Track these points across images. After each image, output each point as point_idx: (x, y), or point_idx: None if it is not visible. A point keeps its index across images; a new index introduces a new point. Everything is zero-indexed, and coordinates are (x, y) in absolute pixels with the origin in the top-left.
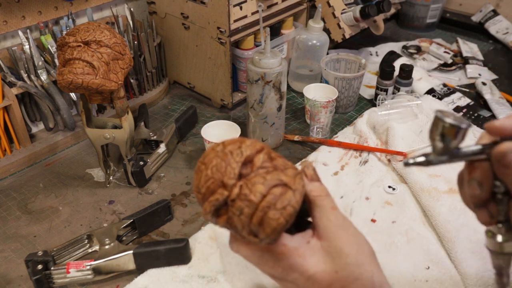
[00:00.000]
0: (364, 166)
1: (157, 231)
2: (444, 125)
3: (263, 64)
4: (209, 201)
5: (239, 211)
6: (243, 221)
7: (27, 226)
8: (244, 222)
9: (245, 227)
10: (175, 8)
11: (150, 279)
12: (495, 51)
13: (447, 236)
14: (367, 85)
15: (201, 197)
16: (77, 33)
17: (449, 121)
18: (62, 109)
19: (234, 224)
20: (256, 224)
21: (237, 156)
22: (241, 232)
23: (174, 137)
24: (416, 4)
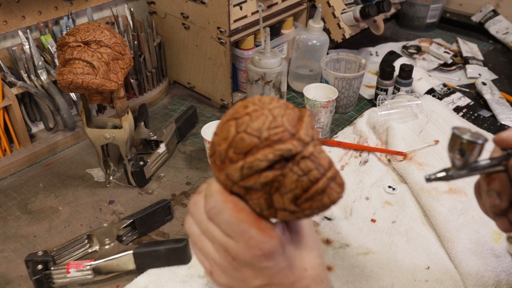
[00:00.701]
0: (364, 166)
1: (157, 231)
2: (462, 141)
3: (263, 64)
4: (276, 148)
5: (305, 172)
6: (303, 184)
7: (27, 226)
8: (303, 185)
9: (297, 190)
10: (175, 8)
11: (150, 279)
12: (495, 51)
13: (447, 236)
14: (367, 85)
15: (257, 141)
16: (77, 33)
17: (467, 138)
18: (62, 109)
19: (283, 183)
20: (316, 191)
21: (309, 116)
22: (283, 195)
23: (174, 137)
24: (416, 4)
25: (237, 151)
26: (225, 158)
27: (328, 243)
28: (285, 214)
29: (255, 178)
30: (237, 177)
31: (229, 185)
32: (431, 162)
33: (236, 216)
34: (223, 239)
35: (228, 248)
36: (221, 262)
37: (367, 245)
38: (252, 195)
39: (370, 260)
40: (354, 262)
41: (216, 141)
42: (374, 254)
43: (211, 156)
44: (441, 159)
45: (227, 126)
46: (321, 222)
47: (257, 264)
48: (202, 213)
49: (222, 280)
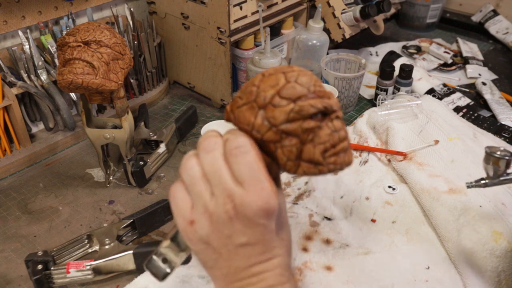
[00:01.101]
0: (364, 166)
1: (157, 231)
2: (492, 157)
3: (263, 64)
4: (324, 101)
5: (336, 130)
6: (334, 139)
7: (27, 226)
8: (333, 140)
9: (327, 144)
10: (175, 8)
11: (150, 279)
12: (495, 51)
13: (447, 236)
14: (367, 85)
15: (307, 92)
16: (77, 33)
17: (496, 155)
18: (62, 109)
19: (318, 135)
20: (342, 148)
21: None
22: (316, 145)
23: (174, 137)
24: (416, 4)
25: (286, 96)
26: (269, 103)
27: (328, 243)
28: (309, 167)
29: (299, 123)
30: (281, 120)
31: (262, 131)
32: (431, 162)
33: (257, 162)
34: (231, 185)
35: (234, 194)
36: (216, 209)
37: (367, 245)
38: (287, 141)
39: (370, 260)
40: (354, 262)
41: (259, 89)
42: (374, 254)
43: (244, 104)
44: (441, 159)
45: (275, 76)
46: (321, 222)
47: (256, 219)
48: (219, 152)
49: (204, 231)
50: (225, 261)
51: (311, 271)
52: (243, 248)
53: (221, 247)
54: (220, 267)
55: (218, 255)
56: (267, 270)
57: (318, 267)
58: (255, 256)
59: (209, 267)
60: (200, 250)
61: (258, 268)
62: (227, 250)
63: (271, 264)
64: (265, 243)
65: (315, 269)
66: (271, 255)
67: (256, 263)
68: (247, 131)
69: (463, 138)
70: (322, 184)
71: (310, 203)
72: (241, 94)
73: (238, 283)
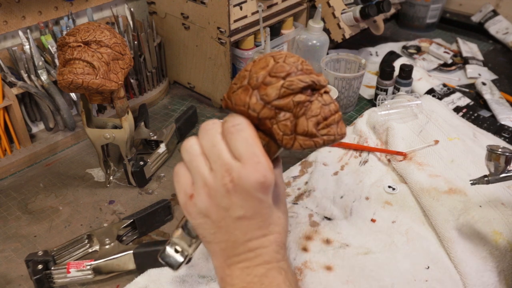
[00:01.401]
0: (364, 166)
1: (157, 231)
2: (493, 155)
3: None
4: (312, 76)
5: (327, 103)
6: (325, 111)
7: (28, 226)
8: (325, 112)
9: (319, 116)
10: (175, 8)
11: (151, 279)
12: (495, 51)
13: (447, 236)
14: (367, 85)
15: (295, 69)
16: (77, 33)
17: (497, 152)
18: (62, 109)
19: (310, 108)
20: (334, 120)
21: None
22: (308, 118)
23: (174, 137)
24: (416, 4)
25: (276, 75)
26: (261, 83)
27: (328, 243)
28: (304, 139)
29: (290, 98)
30: (274, 96)
31: (257, 109)
32: (431, 162)
33: (253, 138)
34: (229, 160)
35: (232, 168)
36: (215, 183)
37: (367, 245)
38: (281, 116)
39: (370, 260)
40: (354, 262)
41: (251, 72)
42: (374, 254)
43: (239, 88)
44: (441, 159)
45: (265, 59)
46: (321, 222)
47: (253, 191)
48: (217, 130)
49: (203, 204)
50: (223, 235)
51: (311, 271)
52: (241, 221)
53: (220, 220)
54: (218, 241)
55: (217, 228)
56: (264, 246)
57: (318, 267)
58: (252, 231)
59: (208, 242)
60: (200, 223)
61: (255, 243)
62: (225, 223)
63: (267, 240)
64: (262, 218)
65: (315, 269)
66: (267, 231)
67: (253, 238)
68: (244, 112)
69: (463, 138)
70: (322, 184)
71: (310, 203)
72: (236, 80)
73: (236, 257)
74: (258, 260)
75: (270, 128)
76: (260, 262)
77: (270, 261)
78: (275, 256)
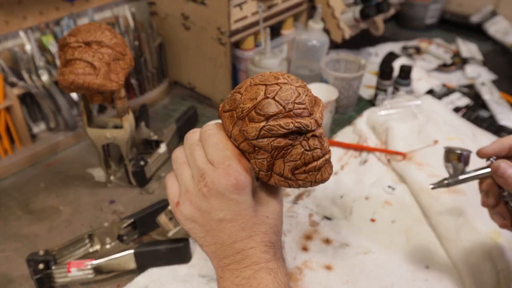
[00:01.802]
0: (363, 166)
1: (158, 231)
2: (451, 154)
3: (263, 65)
4: (297, 120)
5: (311, 148)
6: (306, 158)
7: (28, 225)
8: (305, 159)
9: (299, 162)
10: (176, 9)
11: (151, 279)
12: (495, 51)
13: (447, 236)
14: (367, 85)
15: (282, 109)
16: (78, 34)
17: (456, 152)
18: (63, 109)
19: (290, 153)
20: (314, 167)
21: (323, 104)
22: (286, 162)
23: (175, 137)
24: (415, 4)
25: (260, 113)
26: (246, 116)
27: (328, 242)
28: (279, 179)
29: (269, 141)
30: (253, 135)
31: (239, 140)
32: (430, 162)
33: (224, 142)
34: (203, 164)
35: (205, 173)
36: (194, 189)
37: (367, 245)
38: (258, 155)
39: (370, 259)
40: (353, 261)
41: (241, 99)
42: (374, 253)
43: (228, 110)
44: (440, 159)
45: (256, 88)
46: (321, 221)
47: (227, 194)
48: (196, 138)
49: (188, 211)
50: (211, 238)
51: (311, 271)
52: (223, 224)
53: (205, 224)
54: (208, 244)
55: (205, 232)
56: (250, 247)
57: (318, 266)
58: (235, 233)
59: (201, 245)
60: (189, 229)
61: (240, 244)
62: (210, 226)
63: (253, 241)
64: (243, 219)
65: (315, 269)
66: (252, 232)
67: (238, 240)
68: (228, 137)
69: (463, 138)
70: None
71: (310, 202)
72: (229, 100)
73: (225, 259)
74: (245, 262)
75: (249, 160)
76: (247, 264)
77: (258, 261)
78: (263, 257)
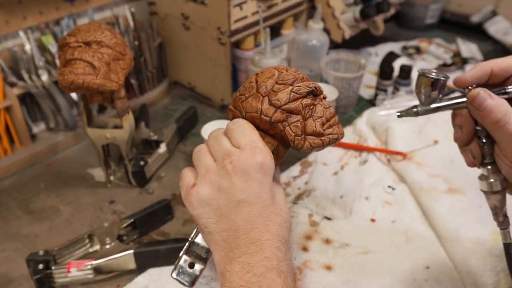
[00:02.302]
0: (363, 166)
1: (158, 231)
2: (425, 80)
3: (263, 65)
4: (313, 82)
5: (327, 107)
6: (327, 113)
7: (28, 226)
8: (327, 114)
9: (323, 118)
10: (176, 9)
11: (151, 279)
12: (495, 51)
13: (447, 236)
14: (367, 85)
15: (298, 76)
16: (78, 34)
17: (429, 76)
18: (63, 109)
19: (315, 110)
20: (335, 121)
21: None
22: (315, 119)
23: (175, 137)
24: (415, 4)
25: (283, 82)
26: (271, 90)
27: (328, 242)
28: (313, 139)
29: (299, 101)
30: (285, 99)
31: (270, 113)
32: (430, 162)
33: (251, 129)
34: (230, 147)
35: (232, 154)
36: (216, 168)
37: (367, 245)
38: (292, 118)
39: (370, 259)
40: (354, 261)
41: (259, 82)
42: (374, 253)
43: (249, 96)
44: (440, 159)
45: (269, 71)
46: (321, 222)
47: (252, 173)
48: (221, 131)
49: (205, 191)
50: (225, 223)
51: (311, 271)
52: (242, 206)
53: (221, 207)
54: (220, 230)
55: (219, 217)
56: (265, 238)
57: (318, 266)
58: (253, 218)
59: (209, 232)
60: (201, 213)
61: (256, 233)
62: (227, 209)
63: (269, 232)
64: (263, 204)
65: (315, 269)
66: (268, 220)
67: (254, 228)
68: (256, 118)
69: None
70: (322, 184)
71: (310, 202)
72: (243, 91)
73: (237, 250)
74: (259, 255)
75: (282, 130)
76: (260, 258)
77: (271, 258)
78: (276, 253)
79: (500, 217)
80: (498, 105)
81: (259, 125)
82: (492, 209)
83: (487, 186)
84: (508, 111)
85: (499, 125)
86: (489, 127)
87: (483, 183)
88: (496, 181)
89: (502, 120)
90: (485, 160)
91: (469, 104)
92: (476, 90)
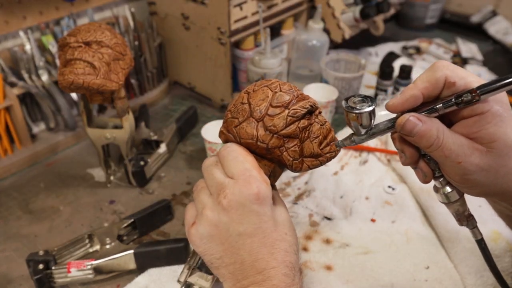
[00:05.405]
0: (363, 166)
1: (158, 231)
2: (350, 114)
3: (263, 65)
4: (309, 100)
5: (323, 123)
6: (324, 131)
7: (28, 226)
8: (323, 132)
9: (320, 136)
10: (176, 9)
11: (151, 279)
12: (495, 51)
13: (447, 236)
14: (367, 85)
15: (293, 97)
16: (78, 34)
17: (354, 112)
18: (63, 109)
19: (312, 131)
20: (332, 138)
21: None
22: (312, 140)
23: (175, 137)
24: (415, 4)
25: (278, 104)
26: (265, 114)
27: (328, 242)
28: (311, 161)
29: (296, 125)
30: (282, 125)
31: (266, 140)
32: None
33: (244, 155)
34: (223, 179)
35: (225, 186)
36: (212, 203)
37: (367, 245)
38: (289, 143)
39: (370, 259)
40: (354, 261)
41: (252, 105)
42: (374, 253)
43: (242, 121)
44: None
45: (261, 90)
46: (321, 222)
47: (248, 204)
48: (213, 160)
49: (204, 229)
50: (229, 258)
51: (311, 271)
52: (243, 239)
53: (223, 242)
54: (226, 264)
55: (222, 252)
56: (271, 267)
57: (318, 266)
58: (256, 249)
59: (216, 268)
60: (205, 250)
61: (262, 263)
62: (229, 244)
63: (275, 260)
64: (264, 234)
65: (315, 269)
66: (273, 249)
67: (259, 257)
68: (252, 144)
69: None
70: (322, 184)
71: (310, 203)
72: (235, 114)
73: (245, 281)
74: (266, 283)
75: (280, 155)
76: (268, 286)
77: (279, 285)
78: (284, 280)
79: (464, 221)
80: (428, 130)
81: (255, 150)
82: (454, 216)
83: (445, 198)
84: (439, 133)
85: (432, 148)
86: (425, 150)
87: (440, 195)
88: (452, 191)
89: (435, 144)
90: (436, 174)
91: (399, 132)
92: (405, 117)
